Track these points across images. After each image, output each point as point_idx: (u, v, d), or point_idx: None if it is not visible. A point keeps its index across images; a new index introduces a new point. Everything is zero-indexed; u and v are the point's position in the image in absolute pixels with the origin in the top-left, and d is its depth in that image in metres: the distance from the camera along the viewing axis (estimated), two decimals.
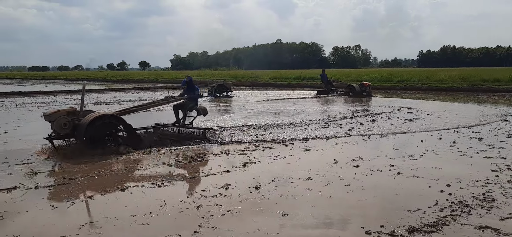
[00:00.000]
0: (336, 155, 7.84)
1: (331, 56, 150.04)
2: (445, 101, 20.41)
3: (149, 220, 4.61)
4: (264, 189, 5.71)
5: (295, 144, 9.00)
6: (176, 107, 10.49)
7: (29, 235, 4.24)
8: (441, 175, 6.37)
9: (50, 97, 25.02)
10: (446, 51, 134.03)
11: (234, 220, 4.61)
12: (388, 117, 13.52)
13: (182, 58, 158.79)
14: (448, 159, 7.55)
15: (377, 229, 4.27)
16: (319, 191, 5.63)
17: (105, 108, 17.80)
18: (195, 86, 10.70)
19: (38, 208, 5.04)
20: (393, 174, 6.49)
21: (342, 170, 6.76)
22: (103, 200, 5.36)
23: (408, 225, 4.36)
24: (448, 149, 8.41)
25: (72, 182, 6.06)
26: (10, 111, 16.49)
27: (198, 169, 6.91)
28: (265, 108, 17.24)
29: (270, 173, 6.57)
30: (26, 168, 6.90)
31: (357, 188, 5.79)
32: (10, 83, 50.81)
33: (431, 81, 31.85)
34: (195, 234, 4.22)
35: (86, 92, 9.53)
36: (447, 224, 4.42)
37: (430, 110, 15.66)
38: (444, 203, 5.06)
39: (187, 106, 10.34)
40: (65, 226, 4.44)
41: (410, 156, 7.74)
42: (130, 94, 27.18)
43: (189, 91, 10.53)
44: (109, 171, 6.78)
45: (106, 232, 4.30)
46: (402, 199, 5.29)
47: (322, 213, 4.81)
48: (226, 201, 5.23)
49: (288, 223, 4.52)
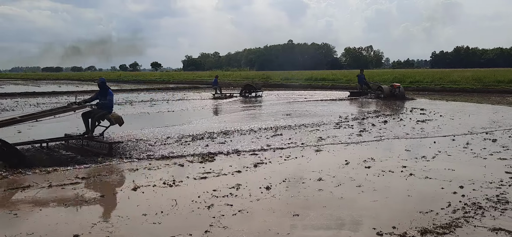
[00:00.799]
0: (347, 156, 7.81)
1: (342, 57, 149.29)
2: (459, 101, 20.17)
3: (160, 219, 4.64)
4: (275, 190, 5.71)
5: (306, 145, 8.97)
6: (85, 115, 9.04)
7: (42, 232, 4.30)
8: (454, 176, 6.30)
9: (63, 97, 25.34)
10: (459, 51, 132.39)
11: (245, 220, 4.62)
12: (400, 118, 13.41)
13: (193, 59, 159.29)
14: (461, 161, 7.47)
15: (389, 230, 4.24)
16: (330, 192, 5.61)
17: (117, 108, 17.97)
18: (109, 89, 9.16)
19: (51, 207, 5.11)
20: (405, 175, 6.44)
21: (353, 171, 6.73)
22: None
23: (420, 226, 4.33)
24: (461, 150, 8.32)
25: None
26: (24, 111, 16.71)
27: None
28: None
29: (281, 173, 6.57)
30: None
31: (369, 189, 5.75)
32: (25, 83, 51.59)
33: (444, 82, 31.53)
34: (206, 233, 4.23)
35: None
36: (460, 225, 4.37)
37: (443, 111, 15.50)
38: (457, 205, 5.01)
39: (97, 115, 8.90)
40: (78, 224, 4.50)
41: (423, 157, 7.67)
42: (142, 95, 27.41)
43: (101, 95, 9.06)
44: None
45: (118, 230, 4.34)
46: (414, 201, 5.24)
47: (334, 214, 4.79)
48: (237, 201, 5.25)
49: (299, 224, 4.51)
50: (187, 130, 11.13)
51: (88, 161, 7.35)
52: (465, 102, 20.05)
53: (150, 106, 19.38)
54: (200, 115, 15.47)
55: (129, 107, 18.79)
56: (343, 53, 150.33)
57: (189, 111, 17.01)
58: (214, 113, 16.84)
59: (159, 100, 22.91)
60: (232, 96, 25.17)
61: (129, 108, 18.22)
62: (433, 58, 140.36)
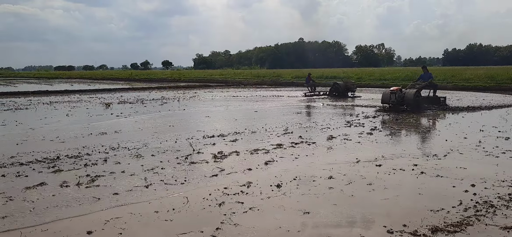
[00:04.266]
0: (358, 154, 7.79)
1: (354, 55, 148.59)
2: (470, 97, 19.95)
3: (172, 216, 4.70)
4: (285, 187, 5.74)
5: (317, 143, 8.98)
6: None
7: (57, 228, 4.38)
8: (465, 175, 6.26)
9: (76, 95, 25.65)
10: (472, 49, 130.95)
11: (256, 218, 4.65)
12: (410, 116, 13.33)
13: (204, 57, 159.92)
14: (473, 159, 7.41)
15: (400, 228, 4.24)
16: (341, 190, 5.62)
17: (128, 107, 18.15)
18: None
19: (66, 204, 5.20)
20: (416, 173, 6.42)
21: (364, 169, 6.72)
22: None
23: (431, 224, 4.32)
24: (473, 148, 8.25)
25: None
26: (37, 110, 16.97)
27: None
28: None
29: (291, 171, 6.59)
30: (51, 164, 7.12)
31: (380, 187, 5.75)
32: (38, 82, 52.24)
33: (457, 80, 31.22)
34: (217, 230, 4.28)
35: (111, 91, 9.60)
36: (471, 224, 4.35)
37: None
38: (468, 203, 4.99)
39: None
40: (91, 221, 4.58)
41: (434, 155, 7.63)
42: (154, 93, 27.58)
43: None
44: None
45: (130, 227, 4.40)
46: (425, 199, 5.23)
47: (344, 212, 4.80)
48: (248, 199, 5.28)
49: (310, 222, 4.53)
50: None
51: None
52: (476, 99, 19.81)
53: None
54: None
55: (140, 105, 18.91)
56: (354, 51, 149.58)
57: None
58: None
59: (170, 98, 23.02)
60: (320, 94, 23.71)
61: (130, 108, 18.33)
62: (445, 55, 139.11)
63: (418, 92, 15.45)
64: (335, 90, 23.16)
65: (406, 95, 14.99)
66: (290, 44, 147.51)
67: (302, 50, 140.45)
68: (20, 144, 9.10)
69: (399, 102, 14.94)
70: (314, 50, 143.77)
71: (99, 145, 8.89)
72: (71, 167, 6.97)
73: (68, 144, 9.02)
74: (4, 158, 7.61)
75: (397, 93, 15.00)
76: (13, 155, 7.87)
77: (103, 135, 10.27)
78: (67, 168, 6.94)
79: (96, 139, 9.74)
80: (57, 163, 7.24)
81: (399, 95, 15.00)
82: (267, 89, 32.09)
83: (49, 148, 8.61)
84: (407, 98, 14.93)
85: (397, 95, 14.93)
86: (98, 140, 9.55)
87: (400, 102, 14.97)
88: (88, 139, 9.77)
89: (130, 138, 9.85)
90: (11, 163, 7.24)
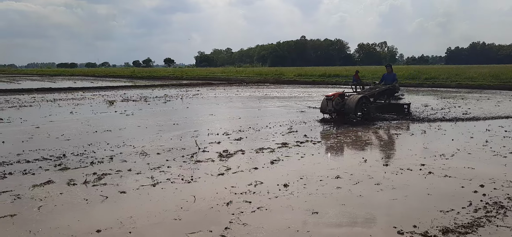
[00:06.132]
0: (365, 154, 7.76)
1: (356, 53, 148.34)
2: (474, 99, 19.88)
3: (180, 215, 4.69)
4: (293, 187, 5.72)
5: (323, 142, 8.95)
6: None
7: (65, 226, 4.37)
8: (474, 175, 6.23)
9: (79, 93, 25.65)
10: (475, 47, 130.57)
11: (264, 217, 4.63)
12: (418, 115, 13.28)
13: (206, 55, 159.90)
14: (481, 159, 7.37)
15: (410, 229, 4.21)
16: (349, 190, 5.59)
17: (132, 104, 18.15)
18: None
19: (73, 202, 5.19)
20: (424, 173, 6.39)
21: (371, 168, 6.69)
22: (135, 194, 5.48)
23: (442, 225, 4.29)
24: (480, 148, 8.21)
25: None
26: (41, 107, 16.97)
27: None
28: None
29: (298, 171, 6.56)
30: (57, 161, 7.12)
31: (387, 187, 5.72)
32: (41, 79, 52.29)
33: (461, 78, 31.13)
34: (226, 230, 4.26)
35: (114, 89, 9.59)
36: (482, 225, 4.32)
37: (459, 108, 15.31)
38: (478, 204, 4.96)
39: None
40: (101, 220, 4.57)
41: (441, 155, 7.59)
42: (156, 91, 27.56)
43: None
44: None
45: (139, 227, 4.39)
46: (434, 199, 5.20)
47: (353, 212, 4.78)
48: (256, 198, 5.26)
49: (319, 221, 4.51)
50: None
51: None
52: (480, 102, 19.74)
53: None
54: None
55: (143, 103, 18.90)
56: (357, 49, 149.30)
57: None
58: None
59: (173, 95, 23.00)
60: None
61: (138, 105, 18.32)
62: (448, 54, 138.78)
63: (365, 98, 12.53)
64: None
65: (347, 103, 12.15)
66: (292, 42, 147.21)
67: (304, 48, 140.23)
68: (26, 142, 9.10)
69: (338, 110, 12.29)
70: (316, 48, 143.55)
71: (104, 142, 8.88)
72: (77, 165, 6.96)
73: (73, 142, 9.02)
74: (10, 156, 7.61)
75: (335, 100, 12.19)
76: (19, 153, 7.87)
77: (108, 133, 10.26)
78: (74, 166, 6.93)
79: (101, 136, 9.74)
80: (63, 161, 7.24)
81: (338, 102, 12.22)
82: (268, 87, 32.00)
83: (54, 145, 8.61)
84: (348, 107, 12.08)
85: (335, 102, 12.17)
86: (103, 137, 9.55)
87: (340, 110, 12.30)
88: (93, 136, 9.76)
89: (135, 135, 9.85)
90: (18, 161, 7.24)
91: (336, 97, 12.28)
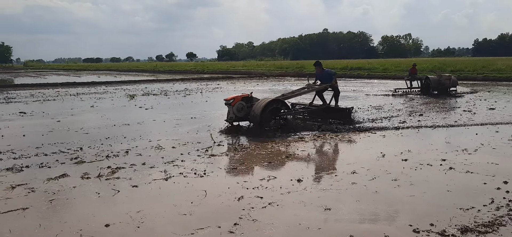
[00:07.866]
0: (383, 148, 7.55)
1: (379, 46, 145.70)
2: (502, 92, 19.21)
3: (190, 210, 4.62)
4: (306, 182, 5.58)
5: (339, 136, 8.76)
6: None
7: (75, 220, 4.37)
8: (497, 171, 5.96)
9: (101, 87, 26.02)
10: (504, 39, 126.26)
11: (275, 213, 4.52)
12: (441, 108, 12.90)
13: (228, 49, 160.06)
14: (506, 154, 7.06)
15: (426, 227, 4.03)
16: (364, 186, 5.42)
17: (152, 98, 18.27)
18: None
19: (85, 196, 5.20)
20: (445, 169, 6.14)
21: (389, 163, 6.49)
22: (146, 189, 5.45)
23: (461, 224, 4.09)
24: (505, 143, 7.88)
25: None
26: (64, 101, 17.27)
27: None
28: None
29: (312, 165, 6.42)
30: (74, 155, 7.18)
31: (405, 183, 5.52)
32: (66, 74, 53.44)
33: (488, 70, 30.17)
34: (235, 226, 4.17)
35: (136, 83, 9.60)
36: (504, 224, 4.10)
37: (484, 101, 14.80)
38: (501, 202, 4.72)
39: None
40: (110, 214, 4.55)
41: (464, 150, 7.30)
42: (177, 85, 27.71)
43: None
44: None
45: (148, 221, 4.34)
46: (454, 196, 4.98)
47: (367, 209, 4.61)
48: (267, 193, 5.15)
49: (331, 218, 4.37)
50: None
51: None
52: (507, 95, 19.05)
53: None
54: None
55: (163, 98, 19.00)
56: (380, 42, 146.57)
57: None
58: None
59: (194, 89, 23.06)
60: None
61: (156, 101, 18.42)
62: (475, 45, 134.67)
63: (281, 103, 9.86)
64: (427, 86, 18.20)
65: (254, 109, 9.48)
66: (314, 35, 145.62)
67: (326, 41, 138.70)
68: (46, 135, 9.23)
69: (241, 118, 9.70)
70: (338, 41, 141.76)
71: (121, 136, 8.93)
72: (93, 159, 7.00)
73: (91, 136, 9.10)
74: (29, 149, 7.71)
75: (236, 105, 9.57)
76: (38, 146, 7.97)
77: (126, 127, 10.33)
78: (89, 159, 6.97)
79: (119, 130, 9.80)
80: (80, 154, 7.29)
81: (240, 107, 9.59)
82: (289, 81, 31.75)
83: (73, 139, 8.70)
84: (253, 114, 9.42)
85: (236, 109, 9.55)
86: (121, 131, 9.60)
87: (245, 118, 9.72)
88: (111, 130, 9.84)
89: (152, 129, 9.87)
90: (36, 154, 7.33)
91: (237, 102, 9.64)
